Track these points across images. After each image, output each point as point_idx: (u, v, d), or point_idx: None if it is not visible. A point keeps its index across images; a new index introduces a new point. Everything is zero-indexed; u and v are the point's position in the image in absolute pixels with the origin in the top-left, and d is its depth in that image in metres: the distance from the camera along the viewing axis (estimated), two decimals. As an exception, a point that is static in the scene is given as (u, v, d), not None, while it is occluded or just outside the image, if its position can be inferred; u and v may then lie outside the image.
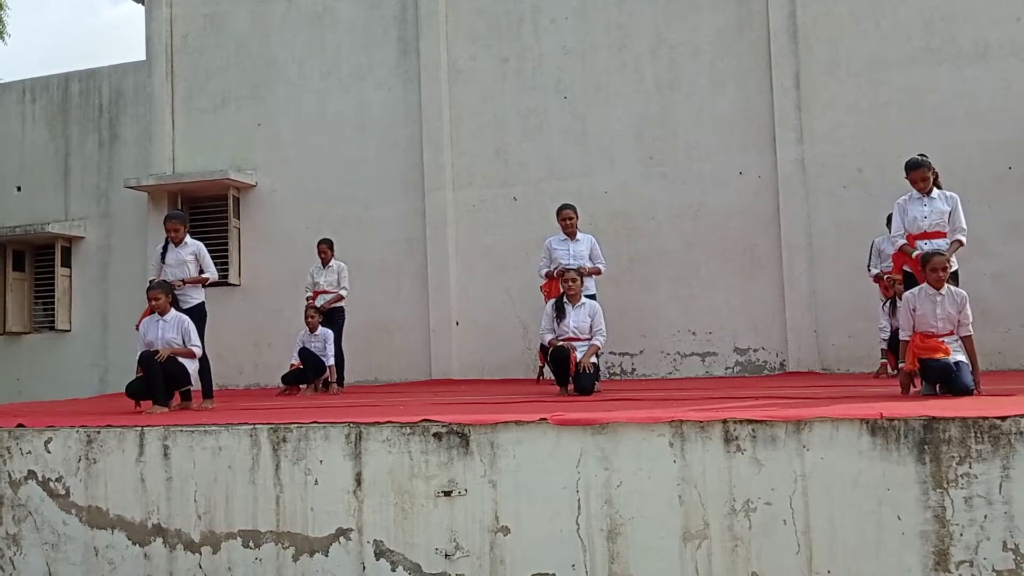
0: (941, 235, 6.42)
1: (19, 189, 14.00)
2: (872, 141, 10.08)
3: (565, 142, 11.27)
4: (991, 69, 9.91)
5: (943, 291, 5.93)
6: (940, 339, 5.89)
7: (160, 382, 7.16)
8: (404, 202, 11.79)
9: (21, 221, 13.65)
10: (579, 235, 8.50)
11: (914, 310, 6.01)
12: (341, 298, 10.07)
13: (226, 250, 12.27)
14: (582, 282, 7.93)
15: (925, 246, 6.30)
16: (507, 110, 11.51)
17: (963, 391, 5.64)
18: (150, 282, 7.75)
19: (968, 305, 5.95)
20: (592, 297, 8.26)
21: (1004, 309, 9.65)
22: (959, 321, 5.94)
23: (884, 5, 10.28)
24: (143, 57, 13.16)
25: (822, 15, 10.47)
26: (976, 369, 5.88)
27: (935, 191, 6.49)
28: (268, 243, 12.25)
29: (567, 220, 8.42)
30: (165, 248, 7.83)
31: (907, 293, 6.18)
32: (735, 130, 10.69)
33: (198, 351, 7.33)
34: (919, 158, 6.60)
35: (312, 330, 9.70)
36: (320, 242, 10.20)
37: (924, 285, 6.01)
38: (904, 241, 6.50)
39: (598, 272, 8.79)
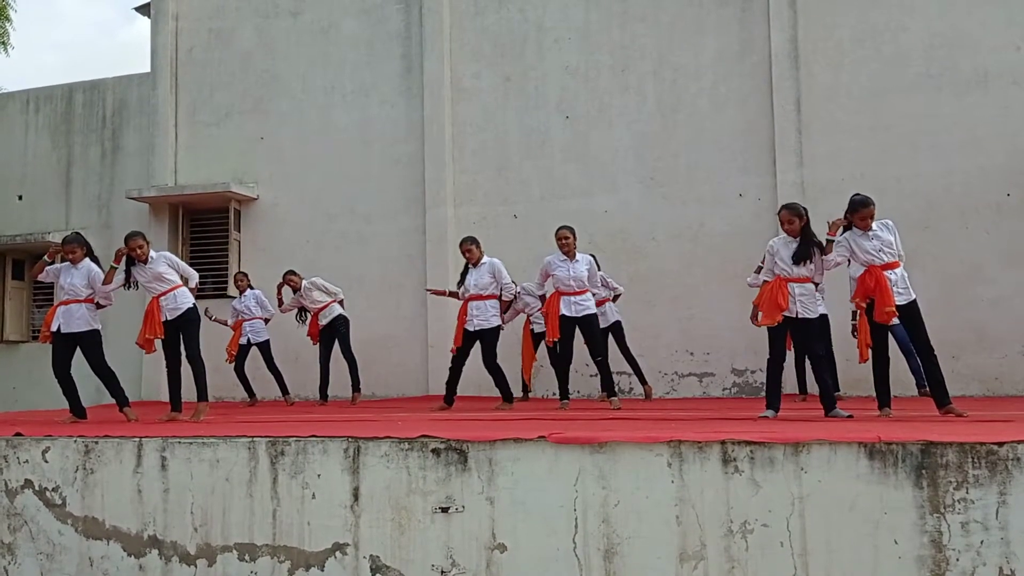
0: (897, 263, 6.51)
1: (20, 198, 14.03)
2: (872, 166, 10.13)
3: (566, 161, 11.32)
4: (991, 96, 9.98)
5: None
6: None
7: (111, 387, 7.57)
8: (405, 218, 11.83)
9: (22, 230, 13.67)
10: (578, 255, 8.47)
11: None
12: (340, 303, 10.53)
13: (226, 263, 12.31)
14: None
15: (893, 276, 6.39)
16: (509, 128, 11.57)
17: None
18: (64, 239, 7.70)
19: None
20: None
21: (1002, 335, 9.68)
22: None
23: (885, 31, 10.37)
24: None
25: (823, 40, 10.55)
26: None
27: (874, 224, 6.58)
28: (268, 256, 12.26)
29: (563, 240, 8.39)
30: (128, 270, 7.51)
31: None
32: (736, 152, 10.76)
33: (101, 296, 7.51)
34: (867, 197, 6.64)
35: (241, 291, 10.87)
36: (286, 273, 10.62)
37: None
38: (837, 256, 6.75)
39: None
